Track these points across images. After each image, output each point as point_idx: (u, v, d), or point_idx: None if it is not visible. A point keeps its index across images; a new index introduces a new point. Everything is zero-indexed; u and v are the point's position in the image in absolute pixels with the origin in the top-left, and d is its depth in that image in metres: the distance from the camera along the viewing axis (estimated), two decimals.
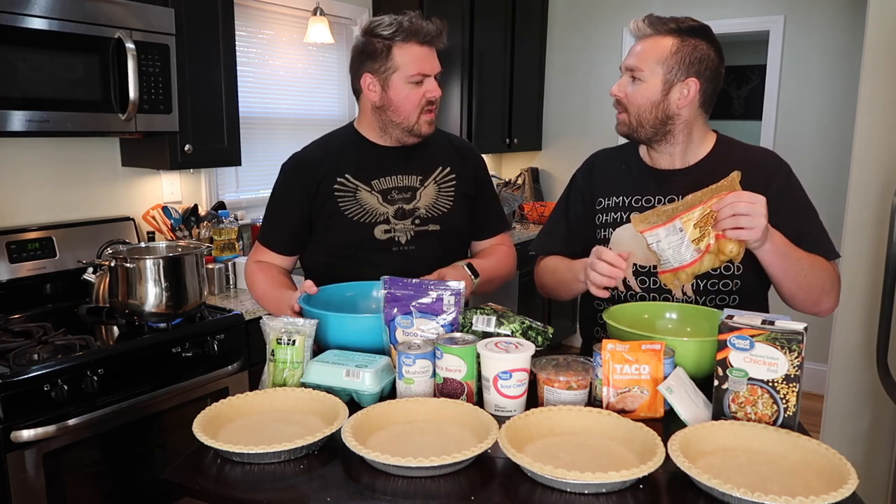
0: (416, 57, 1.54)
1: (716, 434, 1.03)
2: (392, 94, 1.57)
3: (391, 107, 1.58)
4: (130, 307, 2.03)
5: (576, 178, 1.68)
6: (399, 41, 1.53)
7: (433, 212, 1.65)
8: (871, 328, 2.43)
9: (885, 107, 2.36)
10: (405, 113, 1.58)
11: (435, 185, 1.67)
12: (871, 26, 2.36)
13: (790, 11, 3.77)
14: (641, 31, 1.46)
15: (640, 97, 1.45)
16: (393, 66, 1.54)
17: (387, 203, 1.62)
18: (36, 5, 1.87)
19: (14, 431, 1.67)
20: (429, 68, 1.56)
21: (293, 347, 1.23)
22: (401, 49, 1.54)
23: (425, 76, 1.56)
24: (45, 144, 2.32)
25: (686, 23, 1.44)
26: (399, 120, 1.59)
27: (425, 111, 1.58)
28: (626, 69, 1.47)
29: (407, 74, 1.54)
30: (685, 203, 1.28)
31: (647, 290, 1.50)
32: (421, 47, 1.55)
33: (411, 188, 1.65)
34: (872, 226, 2.43)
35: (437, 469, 0.95)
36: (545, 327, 1.36)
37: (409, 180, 1.65)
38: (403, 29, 1.53)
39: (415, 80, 1.55)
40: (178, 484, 0.99)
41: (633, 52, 1.47)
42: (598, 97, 4.34)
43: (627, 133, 1.51)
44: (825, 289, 1.41)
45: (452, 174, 1.70)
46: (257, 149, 3.11)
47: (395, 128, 1.61)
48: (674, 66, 1.42)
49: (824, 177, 3.73)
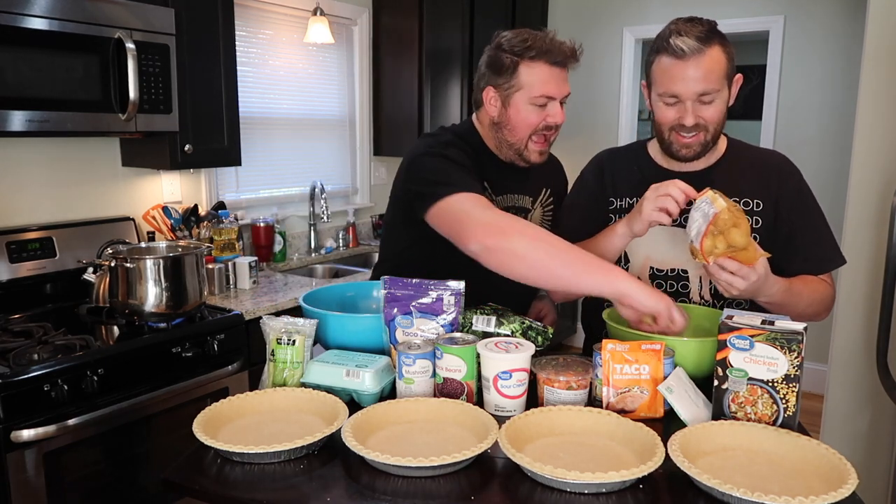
0: (543, 77, 1.46)
1: (716, 434, 1.03)
2: (511, 112, 1.49)
3: (508, 125, 1.51)
4: (130, 307, 2.03)
5: (585, 178, 1.63)
6: (528, 59, 1.45)
7: None
8: (871, 328, 2.43)
9: (885, 107, 2.36)
10: (520, 134, 1.50)
11: (541, 209, 1.65)
12: (871, 26, 2.36)
13: (790, 11, 3.77)
14: (691, 46, 1.33)
15: (718, 114, 1.38)
16: (517, 83, 1.47)
17: None
18: (36, 5, 1.87)
19: (14, 431, 1.67)
20: (555, 91, 1.47)
21: (293, 347, 1.23)
22: (528, 67, 1.45)
23: (550, 99, 1.47)
24: (45, 144, 2.32)
25: (707, 24, 1.36)
26: (512, 140, 1.52)
27: (539, 136, 1.50)
28: (696, 94, 1.35)
29: (531, 95, 1.46)
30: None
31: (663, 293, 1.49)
32: (551, 68, 1.46)
33: (524, 210, 1.62)
34: (872, 226, 2.43)
35: (437, 469, 0.95)
36: (545, 327, 1.36)
37: (523, 201, 1.62)
38: (535, 46, 1.45)
39: (538, 103, 1.47)
40: (178, 484, 0.99)
41: (694, 76, 1.34)
42: (598, 97, 4.34)
43: (699, 153, 1.42)
44: (819, 313, 1.44)
45: (552, 197, 1.69)
46: (257, 149, 3.11)
47: (507, 147, 1.54)
48: (729, 72, 1.38)
49: (824, 177, 3.73)
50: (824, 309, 1.45)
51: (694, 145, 1.41)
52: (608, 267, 1.25)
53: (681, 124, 1.39)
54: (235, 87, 2.56)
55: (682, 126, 1.39)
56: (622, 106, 4.24)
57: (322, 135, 3.46)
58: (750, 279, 1.21)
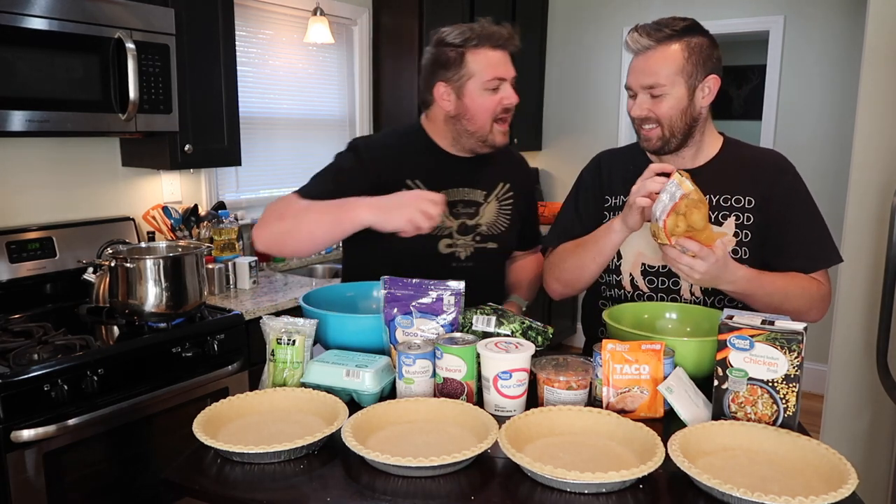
0: (490, 61, 1.51)
1: (716, 434, 1.03)
2: (467, 102, 1.53)
3: (466, 115, 1.54)
4: (130, 307, 2.03)
5: (584, 177, 1.66)
6: (472, 47, 1.50)
7: (493, 230, 1.64)
8: (871, 328, 2.43)
9: (885, 107, 2.36)
10: (480, 121, 1.54)
11: (496, 202, 1.66)
12: (871, 26, 2.36)
13: (790, 11, 3.77)
14: (641, 43, 1.41)
15: (669, 109, 1.41)
16: (467, 72, 1.51)
17: (452, 217, 1.59)
18: (36, 5, 1.87)
19: (14, 431, 1.67)
20: (504, 72, 1.53)
21: (293, 347, 1.23)
22: (474, 55, 1.51)
23: (501, 80, 1.52)
24: (45, 144, 2.32)
25: (678, 24, 1.42)
26: (474, 129, 1.55)
27: (499, 120, 1.55)
28: (643, 87, 1.42)
29: (483, 80, 1.51)
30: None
31: (654, 290, 1.50)
32: (494, 51, 1.51)
33: (475, 203, 1.63)
34: (872, 226, 2.43)
35: (437, 469, 0.95)
36: (545, 327, 1.36)
37: (474, 194, 1.63)
38: (476, 35, 1.50)
39: (491, 87, 1.52)
40: (178, 484, 0.99)
41: (643, 69, 1.41)
42: (598, 97, 4.34)
43: (660, 147, 1.46)
44: (804, 310, 1.41)
45: (511, 191, 1.69)
46: (257, 149, 3.11)
47: (468, 137, 1.57)
48: (692, 71, 1.40)
49: (824, 177, 3.73)
50: (811, 307, 1.42)
51: (652, 139, 1.45)
52: (346, 206, 1.37)
53: (631, 115, 1.47)
54: (235, 87, 2.56)
55: (637, 119, 1.45)
56: (622, 106, 4.23)
57: (322, 135, 3.46)
58: (709, 261, 1.22)
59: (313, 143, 3.42)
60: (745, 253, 1.44)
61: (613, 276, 1.54)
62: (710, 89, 1.43)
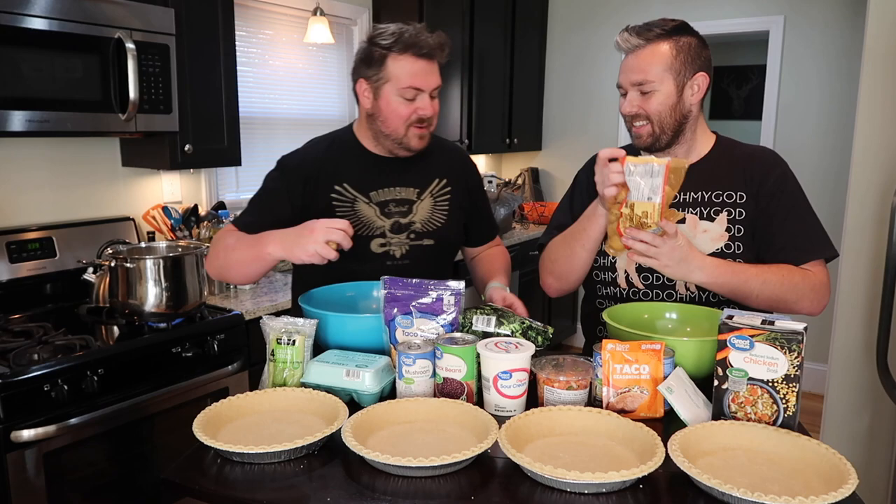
0: (409, 70, 1.51)
1: (716, 434, 1.03)
2: (382, 104, 1.54)
3: (380, 116, 1.56)
4: (130, 307, 2.03)
5: (580, 178, 1.68)
6: (395, 52, 1.51)
7: (428, 226, 1.64)
8: (871, 328, 2.43)
9: (885, 107, 2.36)
10: (393, 126, 1.55)
11: (431, 199, 1.65)
12: (870, 26, 2.36)
13: (790, 12, 3.77)
14: (631, 42, 1.45)
15: (659, 106, 1.44)
16: (385, 76, 1.52)
17: (384, 216, 1.60)
18: (36, 5, 1.87)
19: (14, 431, 1.67)
20: (422, 83, 1.52)
21: (293, 347, 1.23)
22: (395, 60, 1.51)
23: (418, 91, 1.52)
24: (45, 144, 2.32)
25: (667, 24, 1.45)
26: (388, 131, 1.56)
27: (415, 126, 1.55)
28: (632, 85, 1.46)
29: (398, 87, 1.51)
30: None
31: (650, 286, 1.51)
32: (417, 60, 1.51)
33: (408, 201, 1.63)
34: (872, 226, 2.43)
35: (437, 469, 0.95)
36: (545, 327, 1.36)
37: (406, 193, 1.63)
38: (402, 40, 1.50)
39: (406, 95, 1.52)
40: (178, 484, 0.99)
41: (633, 67, 1.45)
42: (598, 97, 4.34)
43: (651, 143, 1.49)
44: (791, 300, 1.40)
45: (448, 186, 1.69)
46: (257, 149, 3.11)
47: (384, 138, 1.59)
48: (680, 68, 1.43)
49: (824, 177, 3.73)
50: (798, 298, 1.40)
51: (643, 135, 1.48)
52: (259, 243, 1.45)
53: (623, 113, 1.50)
54: (235, 87, 2.56)
55: (628, 116, 1.48)
56: None
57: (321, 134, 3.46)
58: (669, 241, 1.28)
59: None
60: (738, 248, 1.46)
61: (609, 273, 1.56)
62: (700, 87, 1.46)
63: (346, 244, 1.37)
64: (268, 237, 1.44)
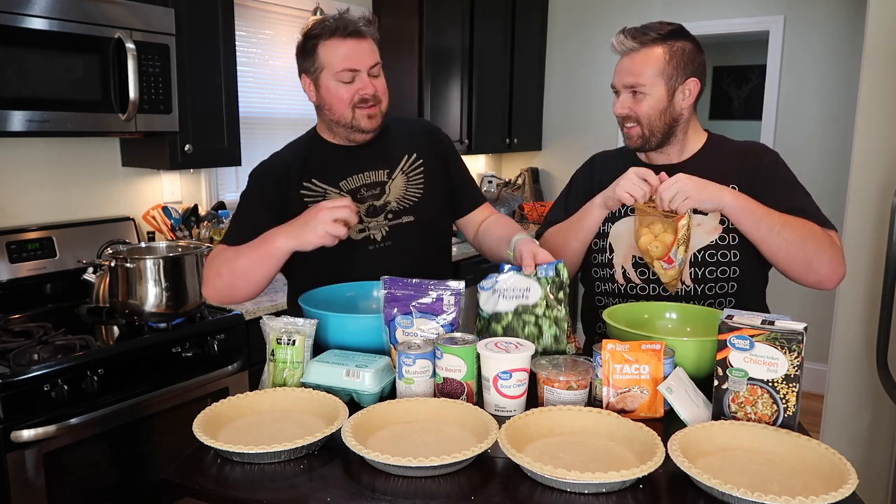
0: (340, 52, 1.50)
1: (716, 434, 1.03)
2: (324, 94, 1.55)
3: (326, 105, 1.56)
4: (130, 307, 2.03)
5: (576, 177, 1.72)
6: (323, 39, 1.51)
7: (404, 203, 1.63)
8: (871, 328, 2.43)
9: (885, 107, 2.36)
10: (339, 111, 1.55)
11: (403, 176, 1.64)
12: (871, 26, 2.36)
13: (790, 11, 3.77)
14: (626, 45, 1.47)
15: (649, 109, 1.48)
16: (320, 64, 1.53)
17: (358, 202, 1.59)
18: (36, 5, 1.87)
19: (14, 431, 1.67)
20: (355, 63, 1.51)
21: (293, 347, 1.23)
22: (324, 46, 1.51)
23: (354, 71, 1.51)
24: (45, 144, 2.32)
25: (664, 28, 1.47)
26: (336, 118, 1.56)
27: (360, 107, 1.54)
28: (625, 87, 1.49)
29: (333, 72, 1.51)
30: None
31: (646, 281, 1.53)
32: (344, 41, 1.50)
33: (379, 183, 1.62)
34: (872, 226, 2.43)
35: (437, 469, 0.95)
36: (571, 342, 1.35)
37: (376, 175, 1.63)
38: (327, 27, 1.51)
39: (344, 79, 1.51)
40: (178, 484, 0.99)
41: (627, 70, 1.48)
42: (598, 97, 4.34)
43: (641, 145, 1.53)
44: (811, 249, 1.38)
45: (419, 160, 1.66)
46: (257, 149, 3.10)
47: (336, 126, 1.59)
48: (672, 73, 1.46)
49: (824, 177, 3.73)
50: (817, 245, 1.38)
51: (633, 136, 1.52)
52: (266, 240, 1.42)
53: (614, 114, 1.53)
54: (235, 87, 2.56)
55: (619, 117, 1.52)
56: None
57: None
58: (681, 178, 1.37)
59: None
60: (732, 239, 1.48)
61: (607, 269, 1.58)
62: (691, 91, 1.49)
63: (353, 220, 1.36)
64: (272, 234, 1.42)
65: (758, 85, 5.22)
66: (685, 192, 1.35)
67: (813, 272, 1.40)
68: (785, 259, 1.40)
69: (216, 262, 1.53)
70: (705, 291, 1.49)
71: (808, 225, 1.40)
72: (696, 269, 1.48)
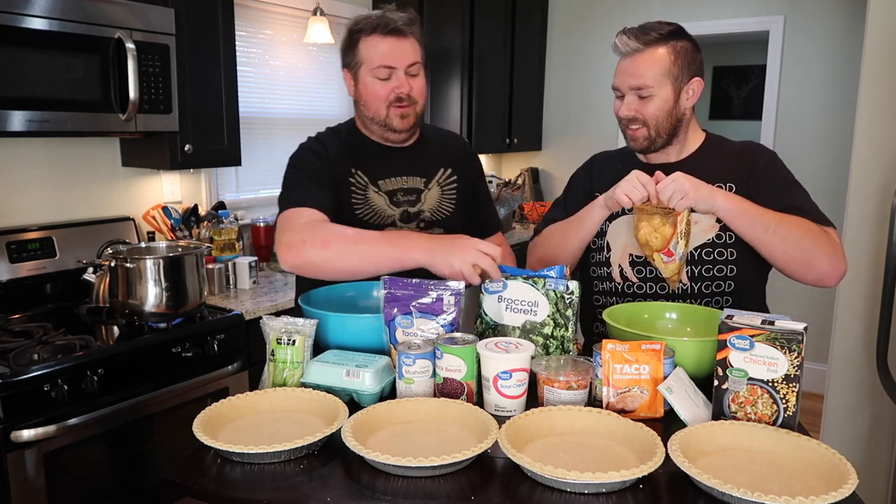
0: (379, 49, 1.51)
1: (716, 434, 1.03)
2: (361, 88, 1.56)
3: (362, 101, 1.58)
4: (130, 307, 2.03)
5: (576, 177, 1.73)
6: (364, 35, 1.52)
7: (437, 215, 1.64)
8: (871, 328, 2.43)
9: (885, 107, 2.36)
10: (373, 108, 1.56)
11: (438, 188, 1.66)
12: (871, 26, 2.36)
13: (790, 11, 3.76)
14: (630, 45, 1.46)
15: (656, 110, 1.47)
16: (359, 59, 1.54)
17: (394, 205, 1.60)
18: (36, 5, 1.87)
19: (14, 431, 1.67)
20: (393, 60, 1.51)
21: (293, 347, 1.23)
22: (365, 42, 1.52)
23: (391, 69, 1.52)
24: (45, 144, 2.32)
25: (665, 28, 1.47)
26: (370, 115, 1.57)
27: (394, 106, 1.55)
28: (630, 89, 1.48)
29: (371, 67, 1.52)
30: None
31: (643, 279, 1.53)
32: (385, 38, 1.51)
33: (416, 190, 1.64)
34: (872, 226, 2.43)
35: (437, 469, 0.95)
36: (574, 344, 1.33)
37: (413, 182, 1.64)
38: (370, 23, 1.52)
39: (380, 75, 1.52)
40: (178, 484, 0.99)
41: (631, 71, 1.47)
42: (598, 97, 4.34)
43: (647, 146, 1.52)
44: (808, 247, 1.37)
45: (454, 176, 1.69)
46: (257, 149, 3.10)
47: (371, 123, 1.60)
48: (678, 73, 1.46)
49: (825, 177, 3.73)
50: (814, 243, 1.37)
51: (638, 138, 1.52)
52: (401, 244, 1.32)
53: (619, 115, 1.52)
54: (235, 87, 2.56)
55: (624, 119, 1.51)
56: None
57: None
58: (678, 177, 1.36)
59: None
60: (729, 238, 1.48)
61: (604, 268, 1.58)
62: (695, 91, 1.49)
63: (493, 274, 1.28)
64: (409, 240, 1.33)
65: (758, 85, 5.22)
66: (682, 190, 1.35)
67: (812, 270, 1.40)
68: (782, 258, 1.40)
69: (323, 230, 1.40)
70: (702, 290, 1.49)
71: (805, 223, 1.40)
72: (693, 267, 1.49)
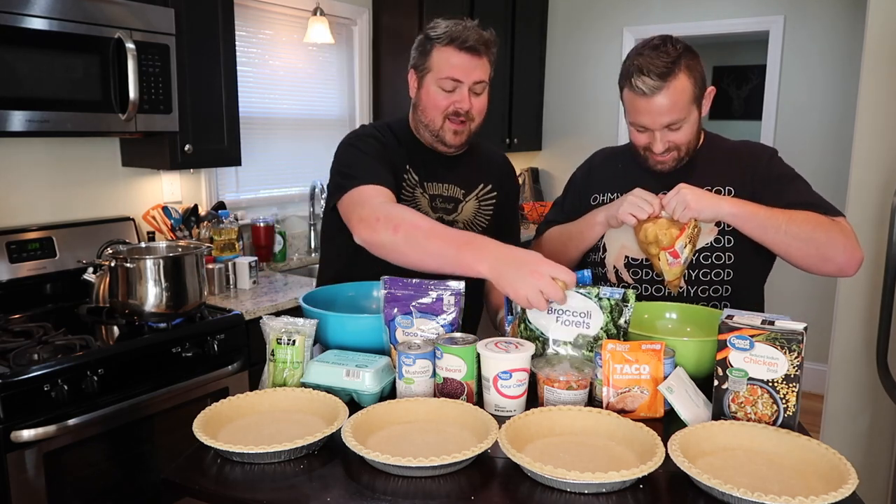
0: (451, 61, 1.52)
1: (716, 434, 1.03)
2: (423, 94, 1.58)
3: (420, 105, 1.60)
4: (130, 307, 2.03)
5: (576, 176, 1.73)
6: (441, 44, 1.53)
7: (472, 227, 1.65)
8: (871, 328, 2.43)
9: (885, 107, 2.36)
10: (430, 116, 1.57)
11: (476, 201, 1.67)
12: (871, 26, 2.36)
13: (790, 11, 3.77)
14: (655, 85, 1.38)
15: (689, 135, 1.46)
16: (429, 66, 1.56)
17: (432, 210, 1.61)
18: (36, 5, 1.87)
19: (14, 431, 1.67)
20: (461, 74, 1.53)
21: (293, 347, 1.23)
22: (439, 51, 1.54)
23: (456, 82, 1.53)
24: (45, 144, 2.32)
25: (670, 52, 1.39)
26: (426, 121, 1.59)
27: (450, 120, 1.56)
28: (663, 126, 1.42)
29: (438, 77, 1.54)
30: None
31: (639, 281, 1.54)
32: (458, 52, 1.52)
33: (455, 199, 1.64)
34: (872, 226, 2.43)
35: (437, 469, 0.95)
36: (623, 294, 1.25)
37: (453, 191, 1.64)
38: (449, 33, 1.52)
39: (445, 86, 1.54)
40: (178, 484, 0.99)
41: (661, 110, 1.40)
42: (597, 97, 4.34)
43: (675, 167, 1.50)
44: (822, 241, 1.35)
45: (493, 192, 1.70)
46: (257, 149, 3.11)
47: (424, 129, 1.61)
48: (698, 94, 1.44)
49: (824, 177, 3.72)
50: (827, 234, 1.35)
51: (668, 162, 1.49)
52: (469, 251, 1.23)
53: (643, 147, 1.49)
54: (235, 87, 2.56)
55: (658, 152, 1.47)
56: (622, 106, 4.23)
57: (322, 135, 3.46)
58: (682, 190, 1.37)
59: (313, 143, 3.41)
60: (728, 241, 1.48)
61: (599, 269, 1.59)
62: (708, 98, 1.49)
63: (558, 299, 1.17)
64: (479, 250, 1.24)
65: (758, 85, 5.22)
66: (685, 201, 1.35)
67: (830, 262, 1.37)
68: (798, 255, 1.38)
69: (396, 214, 1.35)
70: (699, 293, 1.49)
71: (814, 217, 1.38)
72: (690, 270, 1.49)
